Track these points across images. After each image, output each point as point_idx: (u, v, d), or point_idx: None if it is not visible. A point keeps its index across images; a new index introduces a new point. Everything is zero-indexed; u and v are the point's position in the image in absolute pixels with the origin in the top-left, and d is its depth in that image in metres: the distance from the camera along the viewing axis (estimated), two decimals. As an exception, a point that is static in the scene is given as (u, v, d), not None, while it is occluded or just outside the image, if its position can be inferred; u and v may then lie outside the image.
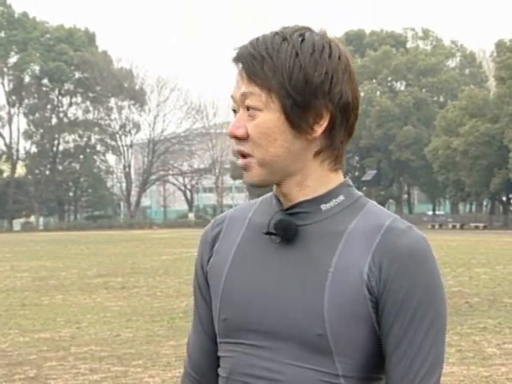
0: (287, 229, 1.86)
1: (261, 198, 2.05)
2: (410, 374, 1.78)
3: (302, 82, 1.78)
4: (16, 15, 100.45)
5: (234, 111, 1.87)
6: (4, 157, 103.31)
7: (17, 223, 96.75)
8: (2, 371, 10.95)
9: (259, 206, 2.01)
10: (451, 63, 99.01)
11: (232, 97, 1.88)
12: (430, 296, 1.82)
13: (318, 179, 1.87)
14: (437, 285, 1.83)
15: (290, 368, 1.81)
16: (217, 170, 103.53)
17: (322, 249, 1.84)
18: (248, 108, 1.82)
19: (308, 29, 1.85)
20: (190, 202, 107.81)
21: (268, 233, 1.88)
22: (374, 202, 1.92)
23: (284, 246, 1.87)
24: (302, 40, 1.80)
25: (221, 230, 2.02)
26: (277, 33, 1.83)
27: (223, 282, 1.93)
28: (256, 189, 2.00)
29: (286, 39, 1.79)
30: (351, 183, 1.93)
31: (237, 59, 1.84)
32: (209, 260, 2.01)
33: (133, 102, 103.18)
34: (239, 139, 1.83)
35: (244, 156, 1.86)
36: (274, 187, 1.93)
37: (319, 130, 1.81)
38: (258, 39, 1.84)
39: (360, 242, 1.82)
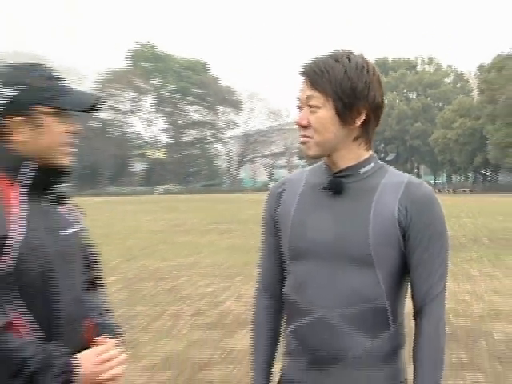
0: (338, 185, 2.07)
1: (308, 168, 2.23)
2: (429, 280, 2.02)
3: (349, 90, 1.99)
4: (159, 53, 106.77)
5: (299, 108, 2.06)
6: (150, 146, 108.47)
7: (157, 189, 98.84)
8: (151, 283, 11.74)
9: (310, 173, 2.19)
10: (447, 80, 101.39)
11: (298, 98, 2.07)
12: (440, 228, 2.05)
13: (355, 154, 2.08)
14: (443, 220, 2.06)
15: (347, 279, 2.03)
16: (288, 153, 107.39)
17: (363, 198, 2.06)
18: (311, 106, 2.02)
19: (351, 52, 2.05)
20: (270, 175, 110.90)
21: (324, 188, 2.08)
22: (393, 167, 2.14)
23: (335, 197, 2.08)
24: (349, 60, 2.00)
25: (284, 189, 2.21)
26: (330, 55, 2.04)
27: (291, 222, 2.13)
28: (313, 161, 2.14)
29: (338, 60, 2.01)
30: (376, 156, 2.12)
31: (303, 73, 2.05)
32: (276, 209, 2.20)
33: (233, 108, 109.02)
34: (303, 127, 2.04)
35: (306, 138, 2.06)
36: (325, 158, 2.10)
37: (358, 122, 2.03)
38: (317, 59, 2.05)
39: (389, 191, 2.05)
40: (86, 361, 2.06)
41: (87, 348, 2.15)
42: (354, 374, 2.03)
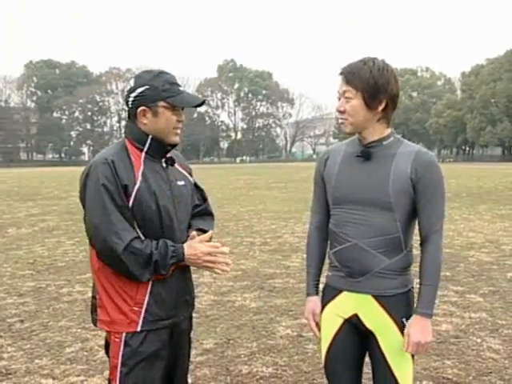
0: (368, 153, 2.00)
1: (346, 141, 2.15)
2: (432, 219, 1.97)
3: (372, 85, 1.91)
4: (238, 65, 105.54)
5: (338, 98, 1.99)
6: (232, 130, 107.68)
7: (236, 160, 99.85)
8: (233, 223, 11.47)
9: (348, 144, 2.12)
10: (439, 83, 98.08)
11: (338, 92, 1.99)
12: (440, 184, 1.97)
13: (380, 131, 2.00)
14: (442, 179, 1.98)
15: (373, 218, 1.98)
16: (326, 135, 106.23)
17: (385, 162, 1.98)
18: (346, 97, 1.96)
19: (376, 58, 1.96)
20: (313, 150, 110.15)
21: (358, 156, 2.02)
22: (407, 140, 2.04)
23: (365, 162, 2.01)
24: (373, 64, 1.92)
25: (329, 156, 2.13)
26: (360, 60, 1.96)
27: (334, 179, 2.06)
28: (347, 136, 2.10)
29: (365, 63, 1.93)
30: (395, 131, 2.03)
31: (341, 73, 1.98)
32: (323, 169, 2.13)
33: (288, 103, 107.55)
34: (341, 112, 1.98)
35: (343, 120, 2.01)
36: (358, 134, 2.03)
37: (380, 108, 1.94)
38: (351, 63, 1.97)
39: (404, 158, 1.97)
40: (190, 248, 2.08)
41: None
42: (376, 282, 2.01)
